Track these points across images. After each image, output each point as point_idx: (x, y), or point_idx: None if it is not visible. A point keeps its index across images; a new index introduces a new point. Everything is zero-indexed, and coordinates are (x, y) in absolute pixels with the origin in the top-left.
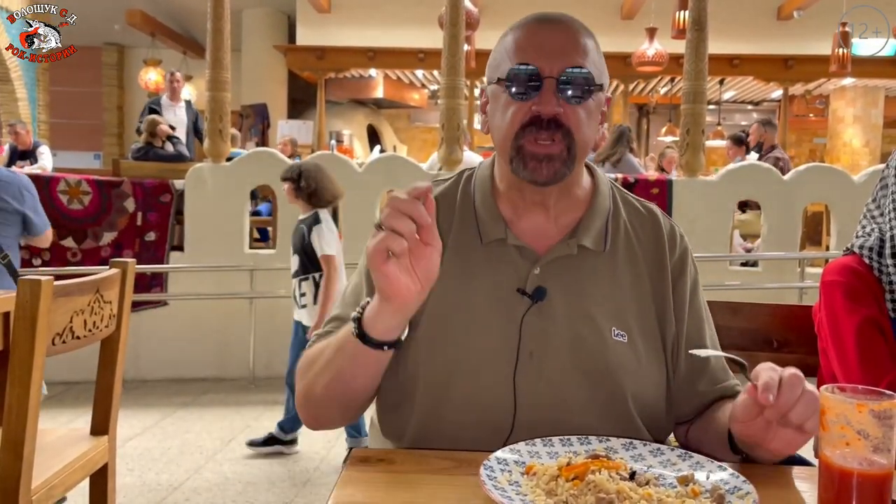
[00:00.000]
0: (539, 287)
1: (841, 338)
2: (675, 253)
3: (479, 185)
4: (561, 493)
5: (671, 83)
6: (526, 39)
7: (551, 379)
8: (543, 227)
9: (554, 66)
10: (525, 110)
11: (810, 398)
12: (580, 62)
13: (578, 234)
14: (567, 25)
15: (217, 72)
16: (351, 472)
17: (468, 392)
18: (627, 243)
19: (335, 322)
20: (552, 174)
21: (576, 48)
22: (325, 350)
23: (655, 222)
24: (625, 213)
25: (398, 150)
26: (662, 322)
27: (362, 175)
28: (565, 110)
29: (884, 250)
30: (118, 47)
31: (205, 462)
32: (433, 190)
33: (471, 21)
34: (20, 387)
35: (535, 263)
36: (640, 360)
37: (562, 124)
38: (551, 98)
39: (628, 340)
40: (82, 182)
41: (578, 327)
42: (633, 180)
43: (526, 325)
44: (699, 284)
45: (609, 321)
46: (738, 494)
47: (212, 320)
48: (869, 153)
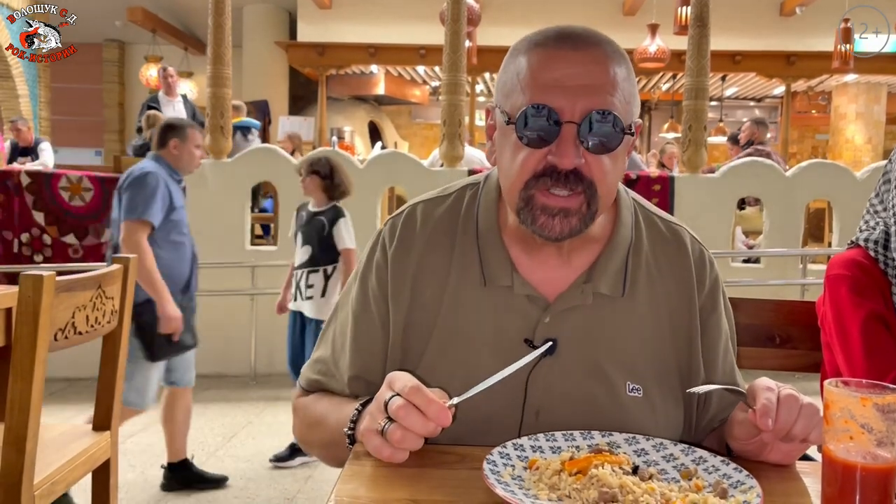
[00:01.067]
0: (548, 339)
1: (846, 332)
2: (705, 287)
3: (483, 214)
4: (564, 488)
5: (673, 79)
6: (543, 69)
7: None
8: (555, 269)
9: (576, 108)
10: (539, 158)
11: (809, 412)
12: (608, 102)
13: (594, 279)
14: (594, 49)
15: (218, 68)
16: (353, 467)
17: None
18: (649, 281)
19: (321, 365)
20: (566, 231)
21: (604, 83)
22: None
23: (682, 250)
24: (647, 243)
25: (399, 147)
26: (685, 370)
27: (363, 172)
28: (587, 161)
29: (889, 244)
30: (119, 44)
31: (206, 458)
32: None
33: (472, 17)
34: (22, 382)
35: (544, 311)
36: (656, 415)
37: (583, 176)
38: (570, 149)
39: (644, 395)
40: (84, 179)
41: (590, 384)
42: (634, 177)
43: (533, 381)
44: (732, 316)
45: (624, 375)
46: (742, 489)
47: (213, 317)
48: (871, 149)
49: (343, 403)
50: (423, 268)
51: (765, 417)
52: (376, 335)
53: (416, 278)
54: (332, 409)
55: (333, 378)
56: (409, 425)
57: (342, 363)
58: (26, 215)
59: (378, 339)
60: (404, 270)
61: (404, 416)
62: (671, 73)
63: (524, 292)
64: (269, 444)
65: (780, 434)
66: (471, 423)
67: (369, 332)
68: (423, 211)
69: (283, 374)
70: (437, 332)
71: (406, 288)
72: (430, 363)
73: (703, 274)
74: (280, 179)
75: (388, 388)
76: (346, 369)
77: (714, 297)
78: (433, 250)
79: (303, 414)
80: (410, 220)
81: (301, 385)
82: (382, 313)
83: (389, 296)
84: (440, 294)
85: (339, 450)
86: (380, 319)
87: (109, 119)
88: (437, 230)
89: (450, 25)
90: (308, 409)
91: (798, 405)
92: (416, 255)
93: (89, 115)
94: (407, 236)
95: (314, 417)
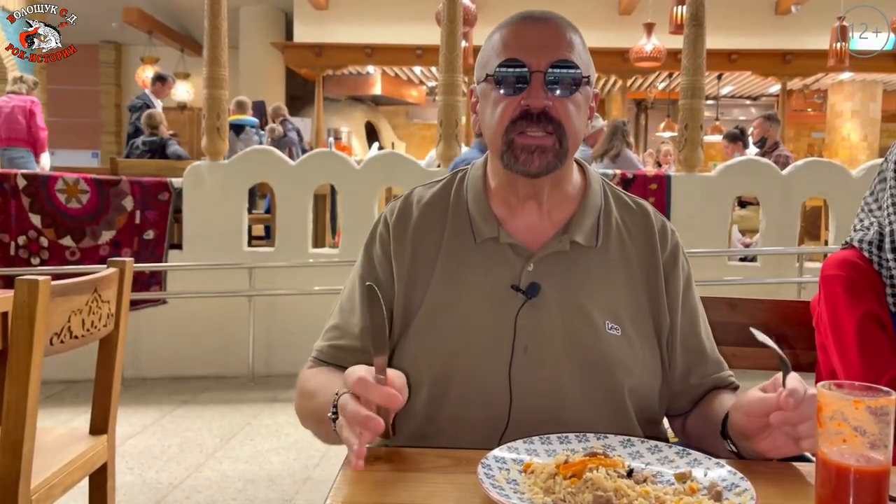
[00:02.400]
0: (533, 283)
1: (841, 332)
2: (667, 248)
3: (471, 185)
4: (559, 491)
5: (669, 78)
6: (512, 37)
7: (546, 372)
8: (536, 223)
9: (541, 61)
10: (514, 105)
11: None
12: (567, 56)
13: (571, 230)
14: (553, 21)
15: (214, 69)
16: (349, 471)
17: (465, 387)
18: (619, 240)
19: (334, 332)
20: (544, 165)
21: (561, 43)
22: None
23: (646, 219)
24: (616, 210)
25: (396, 147)
26: (656, 317)
27: (360, 172)
28: (554, 103)
29: (883, 244)
30: (115, 45)
31: (205, 460)
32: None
33: (468, 17)
34: (18, 386)
35: (528, 260)
36: (634, 354)
37: (552, 117)
38: (540, 92)
39: (622, 334)
40: (80, 181)
41: (573, 321)
42: (631, 176)
43: (520, 320)
44: (692, 279)
45: (603, 315)
46: (736, 491)
47: (211, 318)
48: (867, 147)
49: (334, 382)
50: (421, 233)
51: (790, 397)
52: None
53: (414, 242)
54: (324, 388)
55: (346, 336)
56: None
57: (352, 321)
58: (23, 218)
59: (384, 294)
60: (404, 236)
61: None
62: (667, 71)
63: (508, 242)
64: (268, 446)
65: (792, 422)
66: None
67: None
68: (419, 193)
69: (281, 376)
70: (434, 283)
71: (406, 250)
72: (428, 310)
73: (665, 237)
74: (277, 180)
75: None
76: (356, 324)
77: (675, 256)
78: (429, 219)
79: (301, 385)
80: (408, 200)
81: (313, 357)
82: (387, 273)
83: (392, 256)
84: (436, 252)
85: (328, 428)
86: (384, 278)
87: (106, 121)
88: (432, 204)
89: (446, 26)
90: (306, 381)
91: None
92: (414, 223)
93: (86, 117)
94: (406, 212)
95: (308, 391)
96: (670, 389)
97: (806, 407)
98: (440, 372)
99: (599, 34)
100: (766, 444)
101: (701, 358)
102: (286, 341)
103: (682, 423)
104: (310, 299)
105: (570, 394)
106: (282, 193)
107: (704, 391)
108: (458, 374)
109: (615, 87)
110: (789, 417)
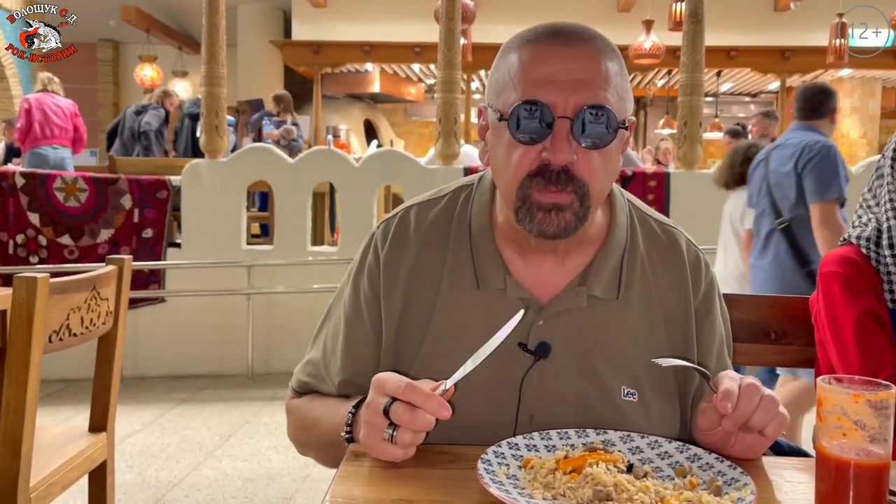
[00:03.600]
0: (542, 342)
1: (839, 329)
2: (700, 290)
3: (476, 216)
4: (558, 487)
5: (668, 75)
6: (535, 66)
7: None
8: (549, 271)
9: (569, 103)
10: (533, 156)
11: (768, 404)
12: (601, 98)
13: (589, 282)
14: (585, 45)
15: (213, 67)
16: (348, 467)
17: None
18: (644, 284)
19: (310, 368)
20: (562, 227)
21: (595, 77)
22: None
23: (677, 252)
24: (642, 244)
25: (395, 145)
26: (682, 373)
27: (359, 170)
28: (580, 157)
29: (881, 241)
30: (113, 44)
31: (204, 458)
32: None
33: (467, 14)
34: (17, 384)
35: (538, 314)
36: (651, 420)
37: (574, 176)
38: (564, 145)
39: (639, 399)
40: (79, 179)
41: (585, 388)
42: (630, 173)
43: (527, 385)
44: (728, 320)
45: (619, 379)
46: (736, 486)
47: (210, 317)
48: (867, 144)
49: (336, 405)
50: (417, 270)
51: (725, 401)
52: (368, 339)
53: (408, 281)
54: (326, 412)
55: (323, 381)
56: (416, 427)
57: (332, 367)
58: (21, 216)
59: (370, 342)
60: (396, 273)
61: (410, 420)
62: (666, 69)
63: (517, 295)
64: (267, 444)
65: (740, 422)
66: (466, 427)
67: (361, 336)
68: (416, 213)
69: (280, 374)
70: (430, 334)
71: (398, 290)
72: (422, 366)
73: (698, 276)
74: (276, 178)
75: (379, 392)
76: (336, 373)
77: (709, 300)
78: (426, 253)
79: (296, 416)
80: (404, 222)
81: (292, 387)
82: (374, 317)
83: (381, 298)
84: (433, 296)
85: (337, 451)
86: (371, 323)
87: (104, 119)
88: (430, 233)
89: (444, 23)
90: (302, 411)
91: (759, 396)
92: (409, 257)
93: (84, 116)
94: (400, 239)
95: (309, 420)
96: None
97: (744, 401)
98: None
99: (598, 31)
100: (738, 449)
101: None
102: (285, 339)
103: None
104: (308, 297)
105: None
106: (280, 192)
107: None
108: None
109: None
110: (736, 418)
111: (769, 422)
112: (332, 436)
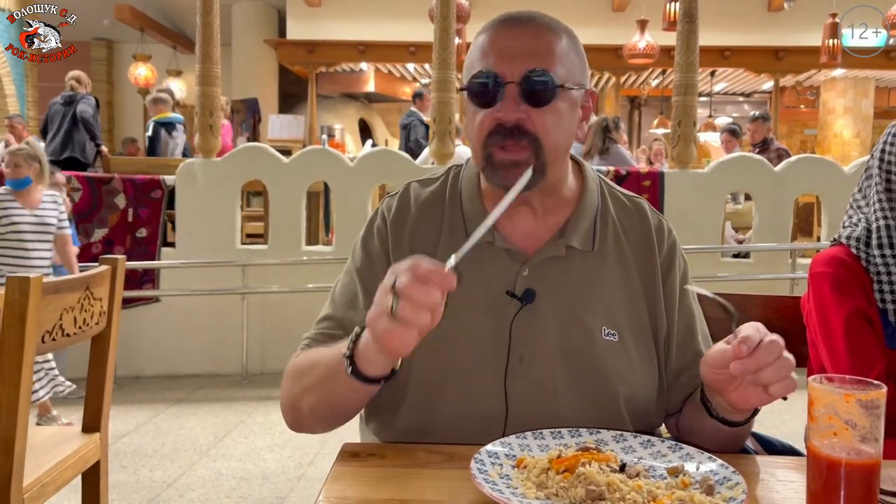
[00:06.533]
0: (528, 289)
1: (830, 329)
2: (664, 248)
3: (466, 184)
4: (551, 486)
5: (662, 75)
6: (489, 44)
7: (542, 382)
8: (531, 227)
9: (515, 70)
10: (490, 118)
11: (783, 364)
12: (543, 64)
13: (566, 235)
14: (533, 25)
15: (207, 66)
16: (341, 467)
17: (459, 395)
18: (616, 241)
19: (327, 322)
20: None
21: (538, 49)
22: (314, 368)
23: (643, 217)
24: (613, 210)
25: (390, 145)
26: (653, 319)
27: (354, 170)
28: (529, 115)
29: (871, 240)
30: (107, 42)
31: (198, 458)
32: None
33: (461, 14)
34: (10, 385)
35: (523, 265)
36: (630, 360)
37: (526, 131)
38: (511, 104)
39: (619, 340)
40: (72, 178)
41: (568, 329)
42: (624, 173)
43: (516, 328)
44: (689, 277)
45: (599, 321)
46: (728, 485)
47: (204, 316)
48: (859, 144)
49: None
50: (417, 233)
51: (742, 344)
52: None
53: (411, 240)
54: (329, 350)
55: (343, 327)
56: (418, 298)
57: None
58: None
59: None
60: (401, 234)
61: (416, 291)
62: (660, 68)
63: (504, 246)
64: (262, 444)
65: (750, 370)
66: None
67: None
68: (415, 188)
69: (275, 374)
70: None
71: (404, 247)
72: None
73: (661, 237)
74: (270, 178)
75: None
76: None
77: (671, 255)
78: (425, 219)
79: (293, 368)
80: (405, 196)
81: (303, 345)
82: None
83: (390, 252)
84: (433, 252)
85: (333, 387)
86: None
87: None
88: (428, 202)
89: (439, 22)
90: (301, 359)
91: (778, 352)
92: (410, 223)
93: None
94: (403, 208)
95: (307, 363)
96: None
97: (763, 353)
98: (435, 378)
99: (593, 31)
100: (736, 396)
101: (695, 359)
102: (280, 339)
103: (676, 422)
104: (303, 296)
105: (565, 404)
106: (275, 191)
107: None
108: (453, 382)
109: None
110: (747, 365)
111: (778, 381)
112: (331, 365)
